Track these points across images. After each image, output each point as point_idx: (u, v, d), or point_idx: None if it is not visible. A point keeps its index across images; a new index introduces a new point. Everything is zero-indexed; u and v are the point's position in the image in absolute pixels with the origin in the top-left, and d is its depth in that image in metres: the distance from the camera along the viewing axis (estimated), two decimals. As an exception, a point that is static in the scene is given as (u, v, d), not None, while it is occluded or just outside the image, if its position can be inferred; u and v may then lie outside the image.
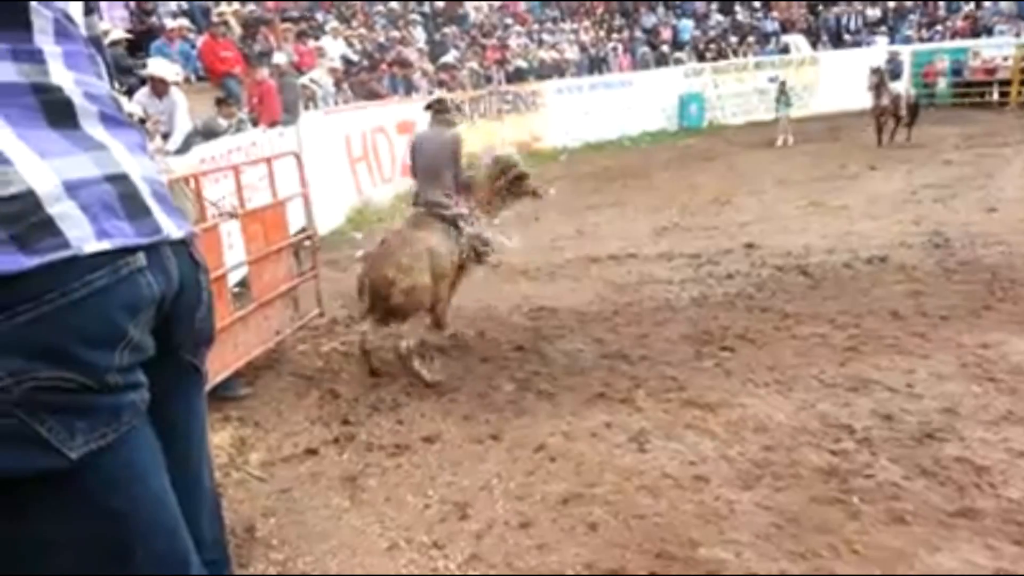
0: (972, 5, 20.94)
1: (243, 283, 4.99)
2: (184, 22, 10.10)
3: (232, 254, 4.71)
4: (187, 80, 9.50)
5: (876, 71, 13.22)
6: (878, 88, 13.03)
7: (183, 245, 1.04)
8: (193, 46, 10.00)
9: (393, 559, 2.86)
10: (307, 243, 5.52)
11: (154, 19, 10.00)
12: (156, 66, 7.35)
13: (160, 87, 7.15)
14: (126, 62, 7.87)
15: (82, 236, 0.86)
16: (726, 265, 6.65)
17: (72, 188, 0.87)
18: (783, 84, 15.77)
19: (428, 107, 5.09)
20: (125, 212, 0.94)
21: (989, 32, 20.04)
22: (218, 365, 4.12)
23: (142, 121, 6.37)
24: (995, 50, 17.98)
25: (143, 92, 7.16)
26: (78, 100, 0.94)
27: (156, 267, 0.96)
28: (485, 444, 3.73)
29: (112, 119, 0.99)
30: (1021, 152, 11.56)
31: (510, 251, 4.98)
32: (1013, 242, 6.54)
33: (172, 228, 1.01)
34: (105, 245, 0.88)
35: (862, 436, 3.49)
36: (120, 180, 0.95)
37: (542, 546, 2.85)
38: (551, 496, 3.19)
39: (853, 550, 2.68)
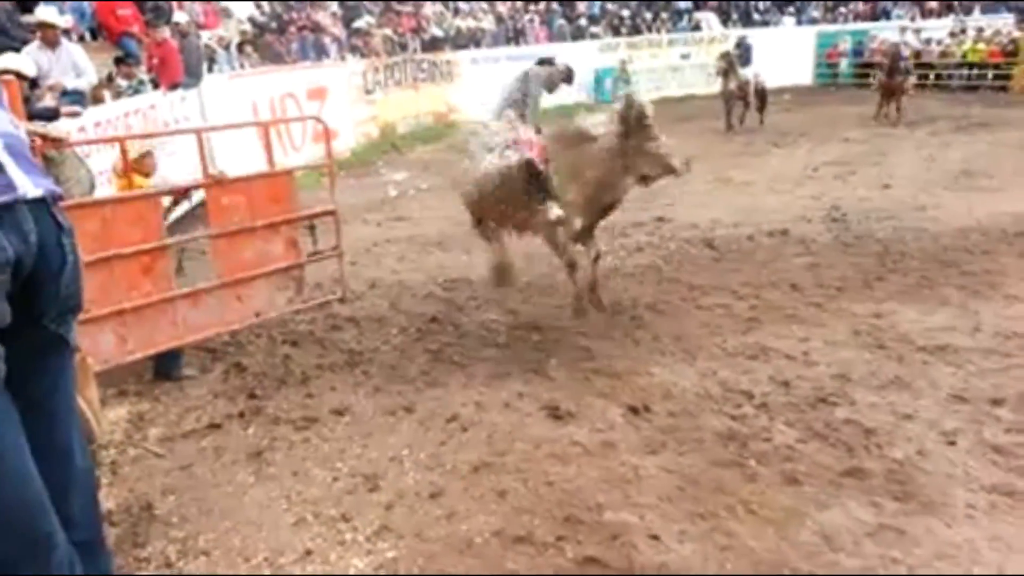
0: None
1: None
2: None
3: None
4: (81, 38, 8.91)
5: (724, 56, 13.44)
6: (726, 73, 13.16)
7: (44, 204, 0.96)
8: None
9: (299, 534, 2.81)
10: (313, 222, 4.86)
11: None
12: (44, 12, 6.91)
13: (50, 35, 6.71)
14: (15, 18, 7.33)
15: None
16: (637, 237, 6.77)
17: None
18: (623, 63, 16.37)
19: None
20: None
21: (887, 15, 21.02)
22: (161, 339, 4.02)
23: (33, 81, 5.95)
24: (889, 33, 18.77)
25: (34, 46, 6.69)
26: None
27: (10, 227, 0.88)
28: (397, 416, 3.70)
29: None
30: (914, 132, 12.18)
31: (424, 222, 4.83)
32: (904, 217, 6.91)
33: (29, 186, 0.93)
34: (-50, 202, 0.81)
35: (760, 402, 3.64)
36: None
37: (452, 515, 2.86)
38: (462, 466, 3.20)
39: (749, 510, 2.80)
